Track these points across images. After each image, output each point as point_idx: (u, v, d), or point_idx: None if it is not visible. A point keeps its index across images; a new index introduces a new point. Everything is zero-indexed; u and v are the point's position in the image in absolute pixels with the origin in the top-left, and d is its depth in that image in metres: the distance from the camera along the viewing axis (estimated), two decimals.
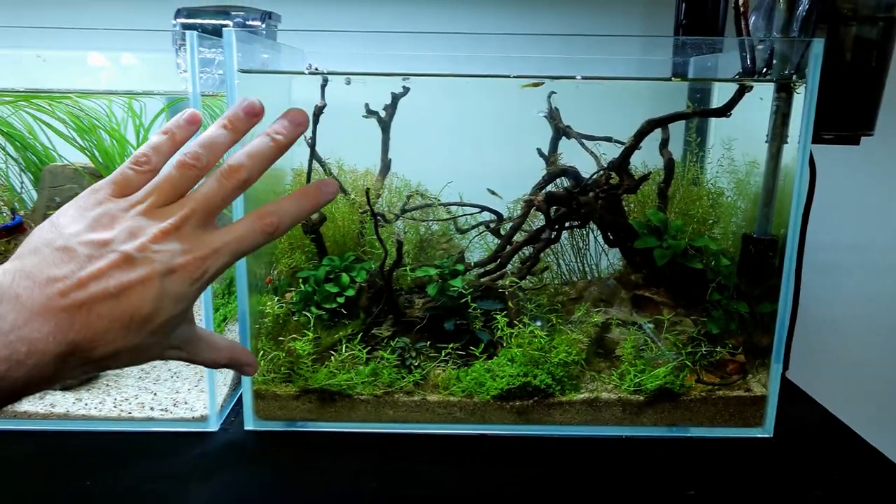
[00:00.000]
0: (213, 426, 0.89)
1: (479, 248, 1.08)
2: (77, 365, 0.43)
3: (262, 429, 0.89)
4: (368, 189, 0.90)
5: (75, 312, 0.41)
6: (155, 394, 0.93)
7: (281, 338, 0.89)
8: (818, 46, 0.79)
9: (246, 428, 0.89)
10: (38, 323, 0.40)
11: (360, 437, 0.88)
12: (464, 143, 1.15)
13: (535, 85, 0.89)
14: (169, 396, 0.92)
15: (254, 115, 0.50)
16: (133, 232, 0.45)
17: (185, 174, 0.48)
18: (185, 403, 0.91)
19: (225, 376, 0.97)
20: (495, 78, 0.95)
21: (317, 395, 0.89)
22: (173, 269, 0.45)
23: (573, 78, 0.86)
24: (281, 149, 0.50)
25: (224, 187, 0.48)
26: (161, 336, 0.46)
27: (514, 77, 0.88)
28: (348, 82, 0.99)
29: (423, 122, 1.10)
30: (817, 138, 0.87)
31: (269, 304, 0.91)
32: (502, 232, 1.01)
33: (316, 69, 0.96)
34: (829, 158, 1.01)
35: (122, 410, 0.88)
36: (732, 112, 0.90)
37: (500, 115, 1.12)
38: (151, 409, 0.90)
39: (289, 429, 0.90)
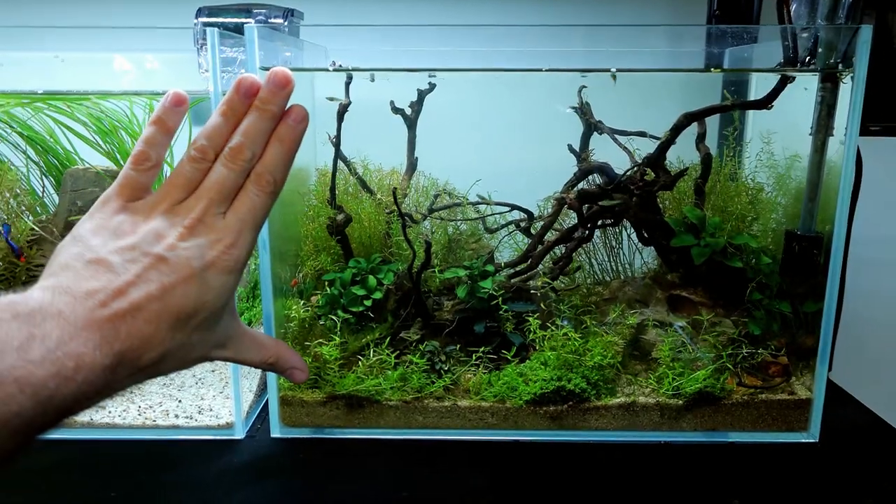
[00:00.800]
0: (239, 434, 0.87)
1: (509, 248, 1.05)
2: (127, 374, 0.42)
3: (289, 436, 0.87)
4: (395, 188, 0.87)
5: (119, 322, 0.41)
6: (180, 401, 0.91)
7: (307, 342, 0.87)
8: (866, 33, 0.76)
9: (272, 435, 0.87)
10: (84, 337, 0.39)
11: (389, 444, 0.85)
12: (492, 140, 1.12)
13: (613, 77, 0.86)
14: (194, 403, 0.90)
15: (248, 94, 0.48)
16: (159, 234, 0.45)
17: (194, 168, 0.48)
18: (211, 410, 0.89)
19: (251, 382, 0.95)
20: (523, 72, 0.93)
21: (344, 401, 0.87)
22: (209, 262, 0.45)
23: (608, 70, 0.83)
24: (273, 117, 0.49)
25: (232, 171, 0.47)
26: (206, 332, 0.46)
27: (545, 70, 0.85)
28: (372, 79, 0.96)
29: (450, 119, 1.08)
30: (864, 130, 0.83)
31: (294, 307, 0.89)
32: (532, 231, 0.98)
33: (339, 66, 0.94)
34: (874, 151, 0.96)
35: (146, 418, 0.87)
36: (773, 104, 0.87)
37: (529, 111, 1.10)
38: (176, 416, 0.88)
39: (316, 436, 0.87)
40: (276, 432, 0.87)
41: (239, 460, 0.83)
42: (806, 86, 0.83)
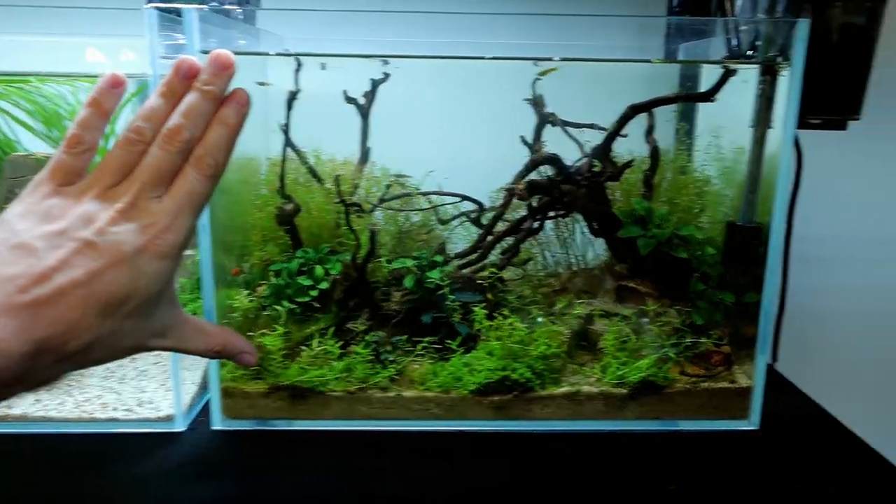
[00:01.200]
0: (180, 426, 0.85)
1: (464, 239, 1.05)
2: (51, 363, 0.40)
3: (231, 428, 0.86)
4: (338, 176, 0.86)
5: (40, 308, 0.39)
6: (119, 393, 0.89)
7: (250, 333, 0.86)
8: (803, 27, 0.77)
9: (213, 427, 0.86)
10: (1, 323, 0.38)
11: (333, 435, 0.85)
12: (447, 130, 1.11)
13: (547, 72, 0.86)
14: (134, 396, 0.88)
15: (187, 76, 0.47)
16: (88, 217, 0.43)
17: (130, 150, 0.46)
18: (151, 403, 0.87)
19: (195, 374, 0.94)
20: (478, 60, 0.92)
21: (288, 392, 0.85)
22: (141, 247, 0.43)
23: (550, 59, 0.83)
24: (215, 98, 0.48)
25: (169, 153, 0.46)
26: (139, 319, 0.44)
27: (489, 59, 0.85)
28: (323, 67, 0.95)
29: (405, 109, 1.07)
30: (803, 123, 0.84)
31: (238, 297, 0.88)
32: (484, 222, 0.98)
33: (287, 50, 0.93)
34: (818, 145, 0.98)
35: (83, 411, 0.85)
36: (718, 97, 0.88)
37: (485, 102, 1.09)
38: (115, 409, 0.86)
39: (259, 428, 0.86)
40: (218, 424, 0.86)
41: (178, 453, 0.81)
42: (746, 79, 0.84)
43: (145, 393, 0.89)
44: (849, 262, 1.34)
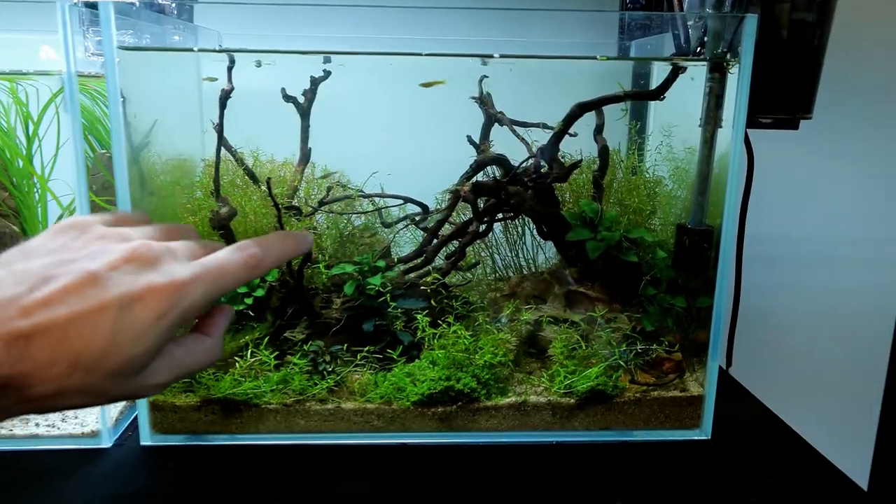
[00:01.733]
0: (106, 442, 0.81)
1: (410, 242, 1.01)
2: (13, 402, 0.35)
3: (161, 443, 0.81)
4: (269, 178, 0.82)
5: (12, 343, 0.34)
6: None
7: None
8: (751, 22, 0.74)
9: (142, 443, 0.81)
10: None
11: (269, 450, 0.80)
12: (392, 130, 1.07)
13: (431, 84, 0.83)
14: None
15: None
16: (105, 250, 0.38)
17: (208, 245, 0.43)
18: (76, 418, 0.83)
19: None
20: (423, 57, 0.89)
21: (220, 405, 0.81)
22: (134, 296, 0.36)
23: (491, 56, 0.80)
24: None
25: (236, 256, 0.42)
26: (121, 379, 0.37)
27: (425, 55, 0.81)
28: (259, 65, 0.91)
29: (348, 108, 1.03)
30: (754, 122, 0.82)
31: None
32: (429, 226, 0.95)
33: (220, 46, 0.89)
34: (770, 145, 0.96)
35: (1, 427, 0.80)
36: (668, 95, 0.85)
37: (432, 100, 1.06)
38: (37, 424, 0.81)
39: (190, 443, 0.82)
40: (147, 440, 0.82)
41: (103, 471, 0.77)
42: (693, 76, 0.81)
43: None
44: (802, 262, 1.33)
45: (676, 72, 0.82)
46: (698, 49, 0.82)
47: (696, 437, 0.84)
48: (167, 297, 0.37)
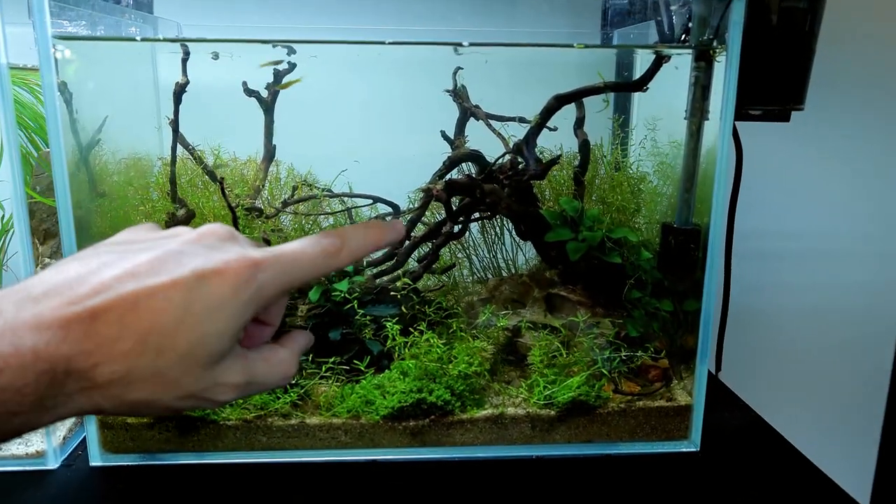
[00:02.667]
0: (52, 463, 0.75)
1: None
2: (79, 389, 0.31)
3: (111, 464, 0.76)
4: (223, 178, 0.76)
5: (75, 323, 0.31)
6: None
7: None
8: (739, 8, 0.69)
9: (91, 464, 0.76)
10: (16, 336, 0.30)
11: (227, 470, 0.75)
12: (361, 125, 1.02)
13: (274, 63, 0.79)
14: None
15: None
16: (177, 233, 0.37)
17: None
18: (20, 437, 0.77)
19: None
20: (393, 48, 0.83)
21: (175, 421, 0.76)
22: (209, 271, 0.33)
23: (460, 45, 0.75)
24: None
25: (314, 242, 0.38)
26: (195, 366, 0.34)
27: (388, 43, 0.75)
28: (216, 56, 0.85)
29: (314, 103, 0.98)
30: (743, 114, 0.77)
31: None
32: None
33: (178, 37, 0.83)
34: (758, 138, 0.91)
35: None
36: (650, 87, 0.80)
37: (403, 94, 1.00)
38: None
39: (143, 462, 0.76)
40: (97, 460, 0.76)
41: (49, 494, 0.71)
42: (678, 65, 0.76)
43: None
44: (792, 259, 1.28)
45: (660, 61, 0.77)
46: (683, 37, 0.77)
47: (684, 450, 0.79)
48: (243, 271, 0.34)
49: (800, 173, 1.22)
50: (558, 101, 0.80)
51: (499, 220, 0.94)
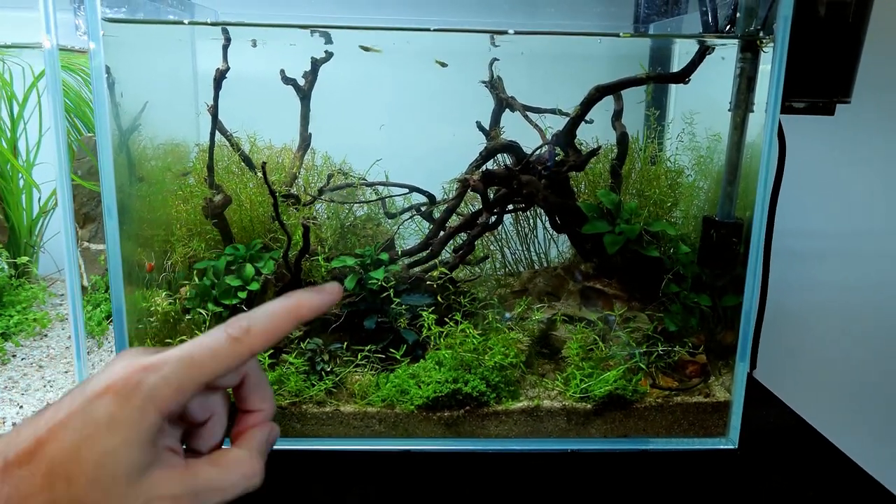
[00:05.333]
0: None
1: (416, 234, 0.96)
2: None
3: None
4: (265, 163, 0.76)
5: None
6: (21, 406, 0.79)
7: (169, 340, 0.76)
8: None
9: None
10: None
11: None
12: (398, 115, 1.02)
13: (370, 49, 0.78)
14: (38, 409, 0.78)
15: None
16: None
17: None
18: None
19: None
20: (430, 39, 0.83)
21: None
22: (96, 391, 0.33)
23: (503, 33, 0.74)
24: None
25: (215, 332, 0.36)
26: (112, 486, 0.32)
27: (433, 30, 0.75)
28: (254, 44, 0.86)
29: (351, 91, 0.98)
30: (787, 107, 0.76)
31: (157, 300, 0.78)
32: (436, 216, 0.89)
33: (216, 22, 0.83)
34: (801, 131, 0.90)
35: None
36: (692, 78, 0.79)
37: (439, 84, 1.00)
38: (14, 425, 0.76)
39: None
40: None
41: None
42: (724, 55, 0.75)
43: None
44: (831, 257, 1.26)
45: (704, 52, 0.76)
46: (727, 27, 0.76)
47: (722, 447, 0.78)
48: (126, 379, 0.33)
49: (836, 170, 1.20)
50: (599, 92, 0.79)
51: (533, 212, 0.93)
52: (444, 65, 0.81)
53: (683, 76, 0.78)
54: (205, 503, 0.35)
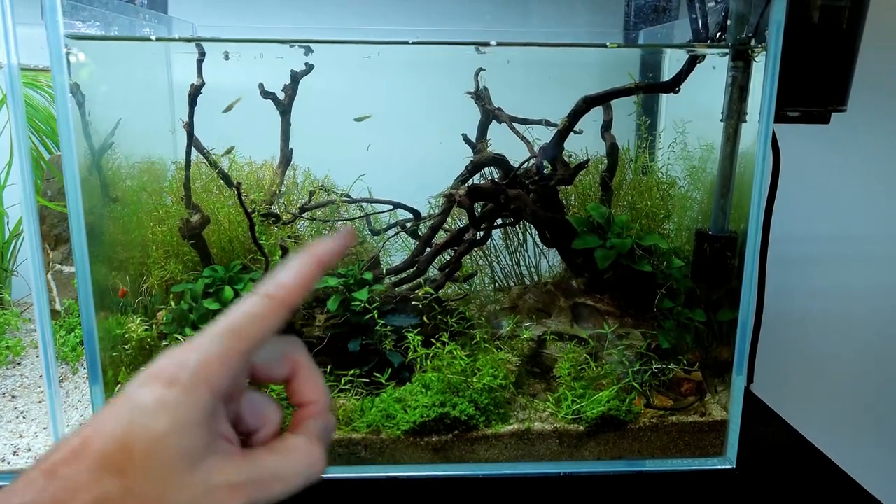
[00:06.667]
0: None
1: (401, 251, 0.93)
2: None
3: None
4: (240, 183, 0.74)
5: (37, 477, 0.29)
6: None
7: (144, 368, 0.73)
8: (780, 5, 0.66)
9: None
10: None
11: None
12: (381, 129, 0.99)
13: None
14: (9, 442, 0.75)
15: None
16: None
17: None
18: (29, 451, 0.74)
19: (84, 413, 0.80)
20: (414, 50, 0.81)
21: None
22: (144, 378, 0.32)
23: (486, 44, 0.72)
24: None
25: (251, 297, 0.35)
26: (167, 474, 0.30)
27: (412, 43, 0.73)
28: (227, 57, 0.83)
29: (332, 105, 0.95)
30: (781, 116, 0.73)
31: (132, 325, 0.75)
32: (421, 233, 0.86)
33: (195, 38, 0.80)
34: (795, 136, 0.87)
35: None
36: (681, 87, 0.77)
37: (424, 96, 0.97)
38: None
39: None
40: None
41: None
42: (715, 64, 0.73)
43: (23, 439, 0.76)
44: (828, 262, 1.24)
45: (694, 61, 0.74)
46: (718, 35, 0.74)
47: (719, 467, 0.76)
48: (172, 361, 0.31)
49: (833, 176, 1.18)
50: (587, 103, 0.76)
51: (522, 227, 0.91)
52: (362, 119, 0.79)
53: (673, 85, 0.75)
54: (266, 493, 0.33)
